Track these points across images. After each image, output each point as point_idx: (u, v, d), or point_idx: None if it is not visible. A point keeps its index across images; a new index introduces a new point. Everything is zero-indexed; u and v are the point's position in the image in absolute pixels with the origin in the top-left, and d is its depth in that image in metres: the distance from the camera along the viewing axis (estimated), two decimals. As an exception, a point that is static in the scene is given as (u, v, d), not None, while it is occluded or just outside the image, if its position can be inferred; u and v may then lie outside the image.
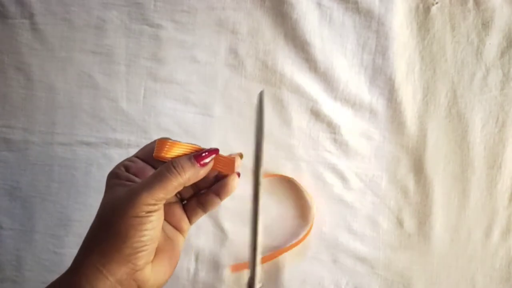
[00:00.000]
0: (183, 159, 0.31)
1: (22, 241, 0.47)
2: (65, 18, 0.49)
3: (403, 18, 0.48)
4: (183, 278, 0.46)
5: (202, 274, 0.46)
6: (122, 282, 0.29)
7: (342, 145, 0.47)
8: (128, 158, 0.34)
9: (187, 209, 0.36)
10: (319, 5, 0.48)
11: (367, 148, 0.47)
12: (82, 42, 0.49)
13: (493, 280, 0.45)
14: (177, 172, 0.31)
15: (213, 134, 0.48)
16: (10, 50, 0.49)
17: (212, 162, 0.33)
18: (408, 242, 0.46)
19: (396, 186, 0.47)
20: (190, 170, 0.31)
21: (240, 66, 0.49)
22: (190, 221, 0.36)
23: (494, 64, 0.47)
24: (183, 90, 0.49)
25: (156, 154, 0.32)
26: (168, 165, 0.31)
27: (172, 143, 0.32)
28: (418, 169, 0.46)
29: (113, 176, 0.33)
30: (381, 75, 0.47)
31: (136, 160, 0.34)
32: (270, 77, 0.48)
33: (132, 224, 0.29)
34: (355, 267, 0.46)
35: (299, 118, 0.48)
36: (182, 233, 0.35)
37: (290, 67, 0.48)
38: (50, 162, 0.48)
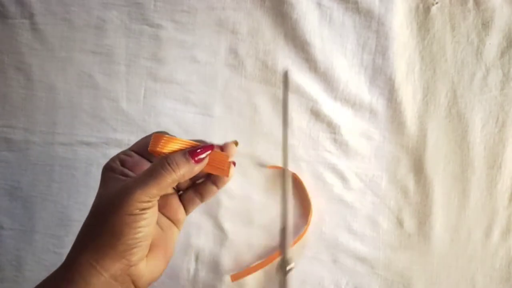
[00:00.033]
0: (178, 155, 0.31)
1: (22, 241, 0.47)
2: (65, 18, 0.49)
3: (403, 18, 0.48)
4: (183, 278, 0.46)
5: (202, 274, 0.46)
6: (116, 277, 0.30)
7: (342, 145, 0.47)
8: (123, 151, 0.34)
9: (184, 198, 0.35)
10: (319, 5, 0.48)
11: (367, 148, 0.47)
12: (82, 42, 0.49)
13: (493, 280, 0.45)
14: (171, 168, 0.30)
15: (213, 134, 0.48)
16: (10, 50, 0.49)
17: (207, 158, 0.32)
18: (408, 242, 0.46)
19: (396, 186, 0.47)
20: (184, 167, 0.31)
21: (240, 66, 0.49)
22: (187, 210, 0.36)
23: (494, 64, 0.47)
24: (183, 90, 0.49)
25: (151, 148, 0.32)
26: (162, 161, 0.30)
27: (168, 138, 0.31)
28: (418, 169, 0.46)
29: (108, 169, 0.33)
30: (381, 75, 0.47)
31: (131, 153, 0.34)
32: (270, 77, 0.48)
33: (126, 221, 0.29)
34: (355, 267, 0.46)
35: (299, 118, 0.48)
36: (177, 225, 0.35)
37: (290, 67, 0.48)
38: (51, 162, 0.48)
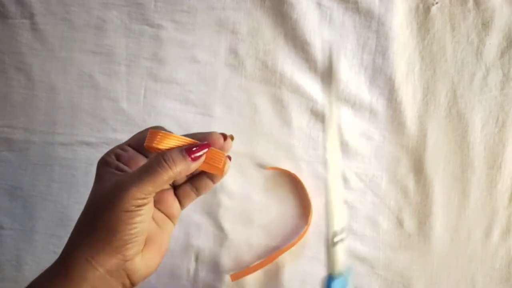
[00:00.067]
0: (175, 152, 0.30)
1: (22, 241, 0.47)
2: (65, 18, 0.49)
3: (403, 18, 0.47)
4: (183, 278, 0.46)
5: (202, 274, 0.46)
6: (112, 272, 0.30)
7: (342, 145, 0.47)
8: (119, 146, 0.34)
9: (180, 193, 0.35)
10: (319, 5, 0.48)
11: (367, 148, 0.47)
12: (82, 42, 0.49)
13: (493, 280, 0.45)
14: (167, 165, 0.30)
15: (213, 134, 0.48)
16: (10, 50, 0.49)
17: (204, 156, 0.31)
18: (408, 242, 0.46)
19: (396, 186, 0.47)
20: (181, 164, 0.30)
21: (240, 66, 0.49)
22: (182, 205, 0.35)
23: (494, 64, 0.47)
24: (183, 90, 0.49)
25: (147, 144, 0.31)
26: (158, 158, 0.30)
27: (164, 134, 0.31)
28: (418, 169, 0.46)
29: (103, 163, 0.32)
30: (381, 75, 0.47)
31: (127, 148, 0.33)
32: (270, 77, 0.48)
33: (122, 218, 0.29)
34: (355, 267, 0.46)
35: (299, 118, 0.48)
36: (172, 219, 0.35)
37: (290, 67, 0.48)
38: (51, 162, 0.48)
